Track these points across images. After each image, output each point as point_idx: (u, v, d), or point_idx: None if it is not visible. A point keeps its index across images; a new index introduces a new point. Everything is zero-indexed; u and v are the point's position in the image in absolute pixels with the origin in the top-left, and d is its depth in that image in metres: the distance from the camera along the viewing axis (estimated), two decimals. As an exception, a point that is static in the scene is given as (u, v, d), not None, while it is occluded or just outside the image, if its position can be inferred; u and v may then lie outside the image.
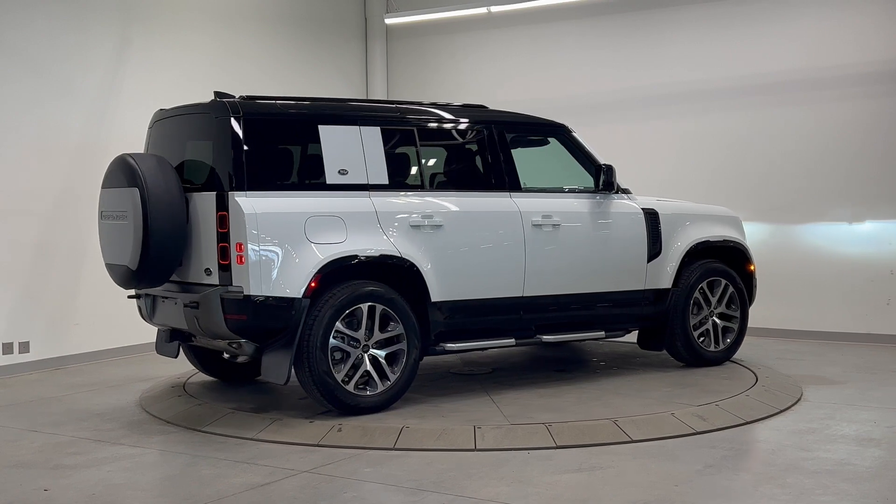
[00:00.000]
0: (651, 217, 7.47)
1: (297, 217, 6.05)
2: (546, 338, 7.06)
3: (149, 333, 8.11)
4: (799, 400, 6.75)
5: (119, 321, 8.75)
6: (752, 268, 8.05)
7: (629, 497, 4.70)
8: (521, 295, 6.87)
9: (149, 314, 6.84)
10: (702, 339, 7.68)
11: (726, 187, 9.86)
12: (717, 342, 7.77)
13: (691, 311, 7.59)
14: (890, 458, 5.29)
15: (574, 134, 7.46)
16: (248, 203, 5.92)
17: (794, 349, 8.92)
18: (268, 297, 5.91)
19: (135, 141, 7.65)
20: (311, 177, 6.37)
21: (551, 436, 5.68)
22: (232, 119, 6.06)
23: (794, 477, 4.97)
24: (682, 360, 7.72)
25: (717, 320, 7.79)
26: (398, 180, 6.60)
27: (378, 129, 6.53)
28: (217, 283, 5.99)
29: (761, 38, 10.00)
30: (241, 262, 5.87)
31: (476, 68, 11.73)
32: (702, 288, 7.64)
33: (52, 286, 8.56)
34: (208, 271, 6.07)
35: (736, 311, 7.87)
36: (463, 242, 6.64)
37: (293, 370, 6.10)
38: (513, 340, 6.89)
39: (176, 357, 7.04)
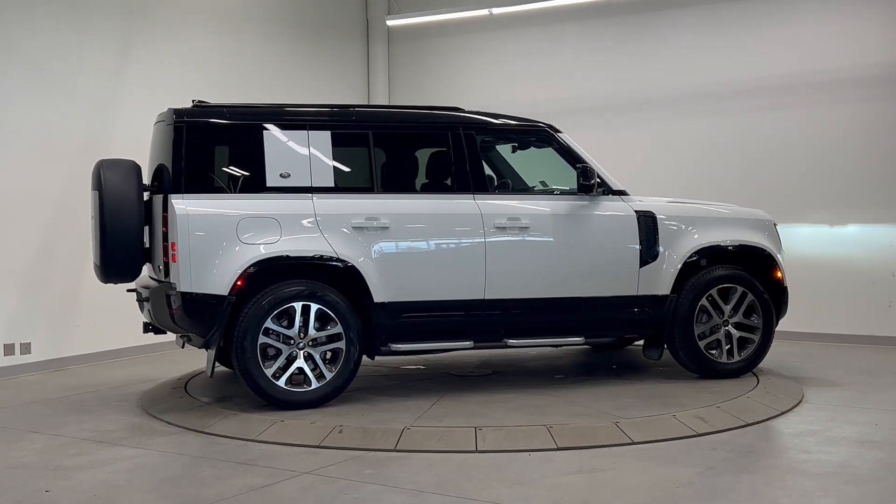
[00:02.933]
0: (646, 220, 7.11)
1: (228, 218, 6.35)
2: (512, 342, 6.93)
3: (149, 335, 8.12)
4: (800, 402, 6.75)
5: (120, 323, 8.76)
6: (779, 275, 7.47)
7: (630, 499, 4.69)
8: (481, 298, 6.78)
9: (140, 308, 7.20)
10: (715, 349, 7.25)
11: (727, 189, 9.84)
12: (730, 354, 7.25)
13: (698, 319, 7.17)
14: (891, 461, 5.29)
15: (559, 134, 7.23)
16: (182, 204, 6.28)
17: (795, 351, 8.91)
18: (197, 294, 6.27)
19: (136, 142, 7.66)
20: (252, 180, 6.56)
21: (552, 437, 5.68)
22: (175, 126, 6.44)
23: (795, 479, 4.97)
24: (690, 370, 7.32)
25: (733, 330, 7.27)
26: (347, 183, 6.77)
27: (328, 133, 6.71)
28: (164, 279, 6.44)
29: (761, 41, 10.01)
30: (175, 260, 6.27)
31: (477, 70, 11.74)
32: (710, 295, 7.18)
33: (53, 287, 8.57)
34: (159, 269, 6.51)
35: (757, 321, 7.33)
36: (411, 244, 6.68)
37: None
38: (471, 343, 6.82)
39: (183, 348, 7.26)
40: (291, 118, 6.79)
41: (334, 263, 6.46)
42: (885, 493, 4.73)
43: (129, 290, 7.30)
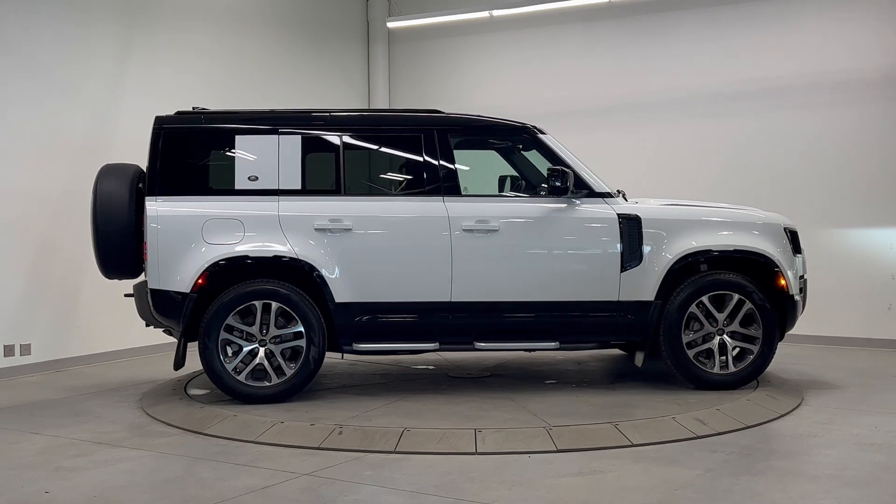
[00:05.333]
0: (629, 223, 6.87)
1: (194, 219, 6.69)
2: (481, 345, 6.92)
3: (149, 336, 8.13)
4: (800, 404, 6.75)
5: (120, 323, 8.78)
6: (783, 283, 7.00)
7: (629, 501, 4.70)
8: (448, 300, 6.79)
9: None
10: (708, 359, 6.96)
11: (728, 191, 9.86)
12: (725, 365, 6.93)
13: (687, 327, 6.90)
14: (890, 463, 5.29)
15: (540, 136, 7.08)
16: (153, 206, 6.69)
17: (795, 353, 8.92)
18: (164, 291, 6.68)
19: (137, 145, 7.66)
20: (221, 183, 6.87)
21: (552, 439, 5.68)
22: (153, 131, 6.86)
23: (794, 481, 4.97)
24: (683, 379, 7.03)
25: (729, 340, 6.94)
26: (315, 186, 6.94)
27: (299, 137, 6.92)
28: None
29: (763, 42, 10.02)
30: (146, 258, 6.69)
31: (477, 71, 11.76)
32: (701, 302, 6.89)
33: (53, 288, 8.57)
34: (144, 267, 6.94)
35: (757, 331, 6.96)
36: (374, 245, 6.79)
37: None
38: (436, 344, 6.86)
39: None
40: (263, 123, 6.98)
41: (293, 263, 6.68)
42: (884, 495, 4.73)
43: (126, 295, 7.45)
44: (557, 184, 6.80)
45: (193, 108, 7.15)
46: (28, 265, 8.39)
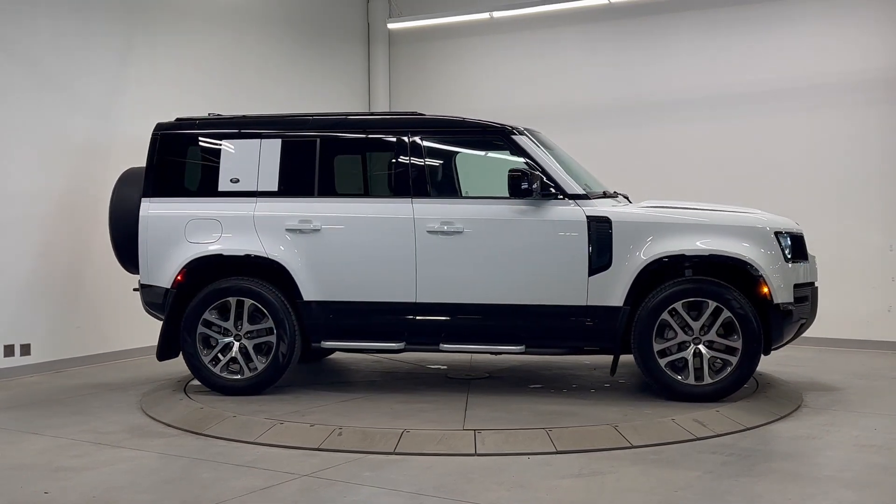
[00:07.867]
0: (599, 225, 6.63)
1: (179, 219, 7.14)
2: (446, 346, 6.94)
3: (149, 336, 8.12)
4: (799, 406, 6.76)
5: (120, 323, 8.78)
6: (765, 291, 6.55)
7: (629, 502, 4.70)
8: (413, 301, 6.87)
9: None
10: (684, 369, 6.61)
11: (729, 193, 9.85)
12: (700, 376, 6.56)
13: (661, 335, 6.60)
14: (890, 465, 5.30)
15: (514, 137, 6.90)
16: (146, 207, 7.21)
17: (795, 355, 8.91)
18: (151, 286, 7.20)
19: (137, 144, 7.69)
20: (206, 185, 7.26)
21: (551, 441, 5.68)
22: (151, 137, 7.32)
23: (794, 483, 4.97)
24: (657, 389, 6.73)
25: (705, 349, 6.58)
26: (289, 188, 7.15)
27: (279, 141, 7.19)
28: None
29: (763, 45, 10.03)
30: (140, 255, 7.20)
31: (478, 73, 11.76)
32: (673, 309, 6.55)
33: (53, 289, 8.58)
34: None
35: (737, 340, 6.55)
36: (341, 246, 6.98)
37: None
38: (402, 344, 6.97)
39: None
40: (247, 127, 7.29)
41: (264, 262, 6.99)
42: (883, 497, 4.74)
43: (134, 290, 7.63)
44: (522, 185, 6.63)
45: (209, 114, 7.47)
46: (28, 265, 8.40)
